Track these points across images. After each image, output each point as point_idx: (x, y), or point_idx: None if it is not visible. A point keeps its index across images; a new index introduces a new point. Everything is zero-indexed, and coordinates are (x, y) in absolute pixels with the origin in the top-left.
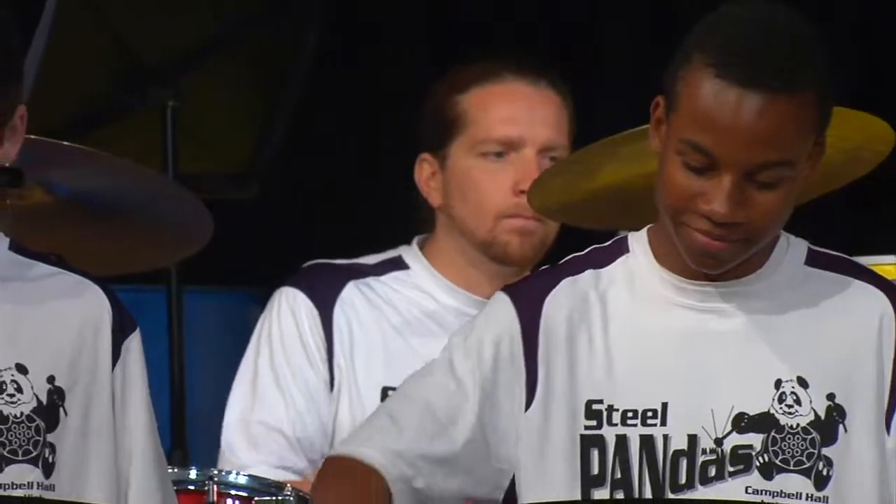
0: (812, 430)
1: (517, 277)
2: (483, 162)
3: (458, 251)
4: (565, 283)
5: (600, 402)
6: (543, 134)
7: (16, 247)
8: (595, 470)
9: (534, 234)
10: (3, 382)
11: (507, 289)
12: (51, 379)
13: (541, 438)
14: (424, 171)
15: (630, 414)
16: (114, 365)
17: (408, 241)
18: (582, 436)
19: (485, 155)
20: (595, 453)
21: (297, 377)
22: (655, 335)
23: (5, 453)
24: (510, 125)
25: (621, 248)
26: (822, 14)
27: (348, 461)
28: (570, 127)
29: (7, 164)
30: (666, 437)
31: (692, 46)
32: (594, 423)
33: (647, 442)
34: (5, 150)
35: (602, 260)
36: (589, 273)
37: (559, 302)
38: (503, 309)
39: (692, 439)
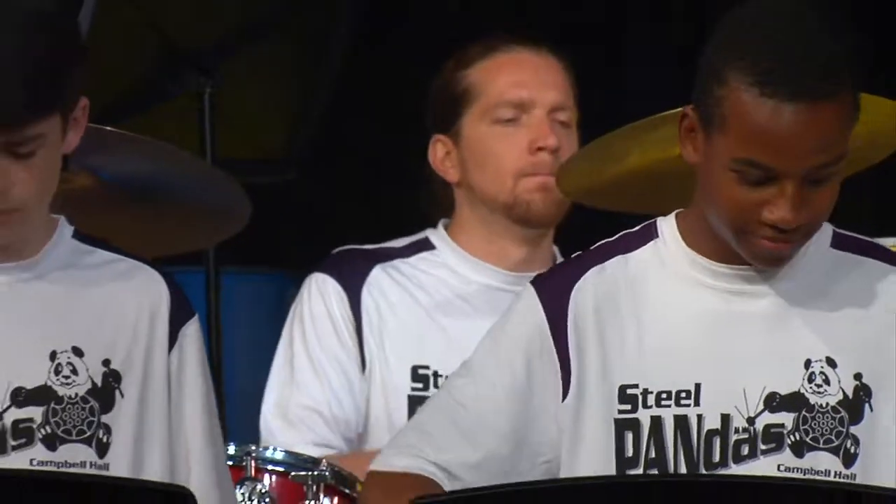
0: (841, 409)
1: (539, 240)
2: (496, 128)
3: (481, 223)
4: (592, 273)
5: (635, 386)
6: (551, 95)
7: (78, 234)
8: (630, 452)
9: (554, 189)
10: (60, 364)
11: (535, 282)
12: (106, 362)
13: (576, 424)
14: (438, 152)
15: (664, 395)
16: (170, 350)
17: (434, 225)
18: (616, 420)
19: (497, 121)
20: (629, 436)
21: (330, 359)
22: (686, 317)
23: (59, 432)
24: (520, 88)
25: (651, 233)
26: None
27: (391, 476)
28: (574, 91)
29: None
30: (700, 417)
31: (724, 64)
32: (629, 406)
33: (681, 422)
34: (69, 140)
35: (631, 245)
36: (617, 259)
37: (586, 292)
38: (530, 306)
39: (725, 419)
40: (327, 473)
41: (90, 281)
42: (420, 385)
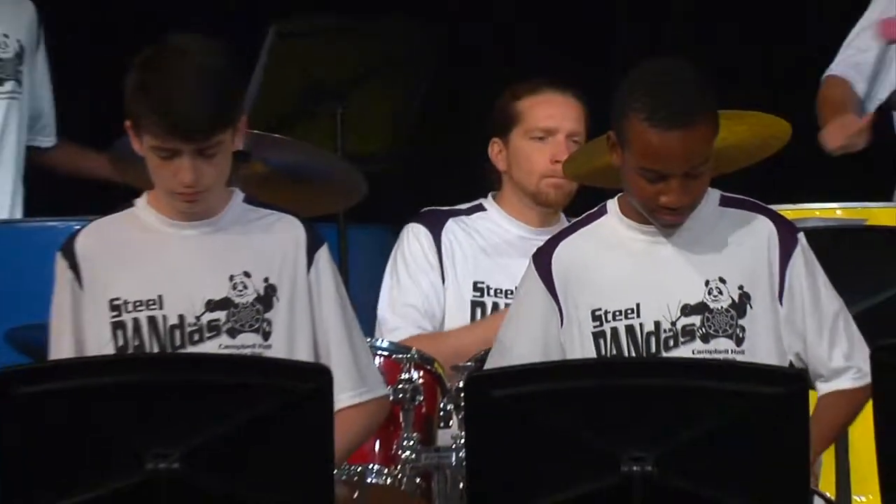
0: (731, 310)
1: (553, 214)
2: (532, 143)
3: (517, 199)
4: (566, 242)
5: (599, 309)
6: (569, 125)
7: (246, 199)
8: (602, 352)
9: (563, 188)
10: (235, 283)
11: (533, 257)
12: (266, 279)
13: (570, 340)
14: (495, 149)
15: (618, 313)
16: (308, 269)
17: (485, 196)
18: (592, 333)
19: (533, 138)
20: (601, 342)
21: (422, 274)
22: (626, 261)
23: (237, 327)
24: (549, 119)
25: (603, 211)
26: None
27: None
28: (587, 122)
29: (240, 149)
30: (641, 325)
31: (625, 105)
32: (598, 323)
33: (630, 330)
34: (235, 143)
35: (590, 220)
36: (580, 231)
37: (562, 256)
38: (530, 277)
39: (657, 324)
40: (415, 355)
41: (253, 228)
42: (478, 293)
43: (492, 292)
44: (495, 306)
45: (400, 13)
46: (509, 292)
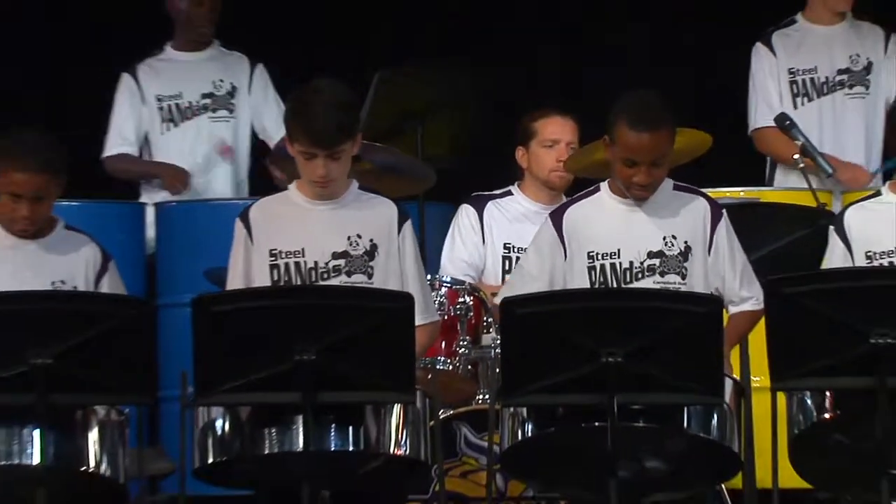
0: (679, 256)
1: (557, 196)
2: (543, 149)
3: (534, 186)
4: (574, 206)
5: (592, 251)
6: (567, 138)
7: (360, 186)
8: (593, 281)
9: (564, 178)
10: (351, 241)
11: (550, 214)
12: (371, 240)
13: (571, 271)
14: (519, 153)
15: (604, 254)
16: (398, 234)
17: (512, 184)
18: (587, 267)
19: (544, 146)
20: (592, 273)
21: (469, 238)
22: (611, 220)
23: (351, 270)
24: (555, 133)
25: (596, 189)
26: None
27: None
28: (579, 134)
29: (356, 153)
30: (620, 264)
31: (616, 116)
32: (591, 261)
33: (613, 266)
34: (353, 149)
35: (589, 195)
36: (583, 200)
37: (570, 214)
38: (547, 226)
39: (630, 263)
40: (467, 286)
41: (363, 206)
42: (506, 251)
43: (516, 250)
44: (517, 259)
45: (458, 60)
46: (526, 247)
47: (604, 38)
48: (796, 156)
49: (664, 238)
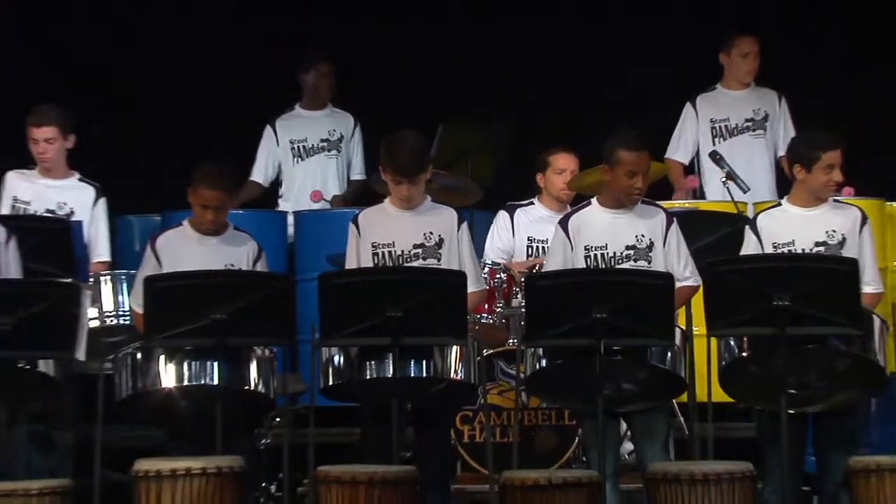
0: (646, 249)
1: (565, 206)
2: (556, 175)
3: (549, 199)
4: (574, 215)
5: (588, 245)
6: (571, 168)
7: (431, 200)
8: (590, 266)
9: (570, 194)
10: (426, 236)
11: (559, 221)
12: (439, 235)
13: (575, 258)
14: (539, 177)
15: (596, 247)
16: (458, 231)
17: (534, 196)
18: (584, 255)
19: (555, 173)
20: (588, 260)
21: (505, 233)
22: (601, 224)
23: (426, 256)
24: (564, 164)
25: (590, 203)
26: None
27: None
28: (579, 164)
29: (428, 178)
30: (607, 253)
31: (615, 144)
32: (587, 252)
33: (602, 255)
34: (426, 177)
35: (584, 207)
36: (581, 210)
37: (573, 221)
38: (558, 229)
39: (614, 253)
40: (502, 266)
41: (433, 213)
42: (529, 242)
43: (536, 241)
44: (537, 249)
45: (496, 114)
46: (542, 240)
47: (603, 92)
48: (723, 178)
49: (636, 236)
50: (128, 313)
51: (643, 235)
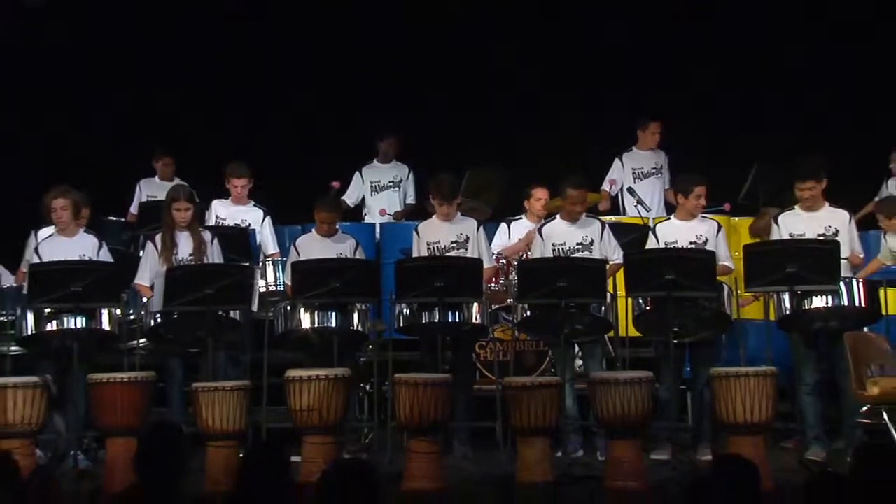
0: (589, 245)
1: (540, 220)
2: (534, 201)
3: (531, 215)
4: (546, 224)
5: (554, 243)
6: (546, 197)
7: (462, 214)
8: (556, 255)
9: (543, 213)
10: (458, 235)
11: (538, 228)
12: (466, 236)
13: (545, 252)
14: (525, 202)
15: (559, 244)
16: (477, 233)
17: (523, 213)
18: (552, 249)
19: (536, 200)
20: (555, 252)
21: (503, 237)
22: (561, 229)
23: (457, 248)
24: (540, 196)
25: (555, 217)
26: None
27: None
28: (552, 194)
29: (458, 202)
30: (565, 248)
31: (564, 185)
32: (554, 247)
33: (563, 249)
34: (457, 202)
35: (551, 219)
36: (551, 221)
37: (545, 229)
38: (537, 235)
39: (570, 247)
40: (503, 255)
41: (462, 222)
42: (542, 240)
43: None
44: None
45: (498, 165)
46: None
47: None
48: (635, 203)
49: (584, 237)
50: (282, 283)
51: (587, 236)
